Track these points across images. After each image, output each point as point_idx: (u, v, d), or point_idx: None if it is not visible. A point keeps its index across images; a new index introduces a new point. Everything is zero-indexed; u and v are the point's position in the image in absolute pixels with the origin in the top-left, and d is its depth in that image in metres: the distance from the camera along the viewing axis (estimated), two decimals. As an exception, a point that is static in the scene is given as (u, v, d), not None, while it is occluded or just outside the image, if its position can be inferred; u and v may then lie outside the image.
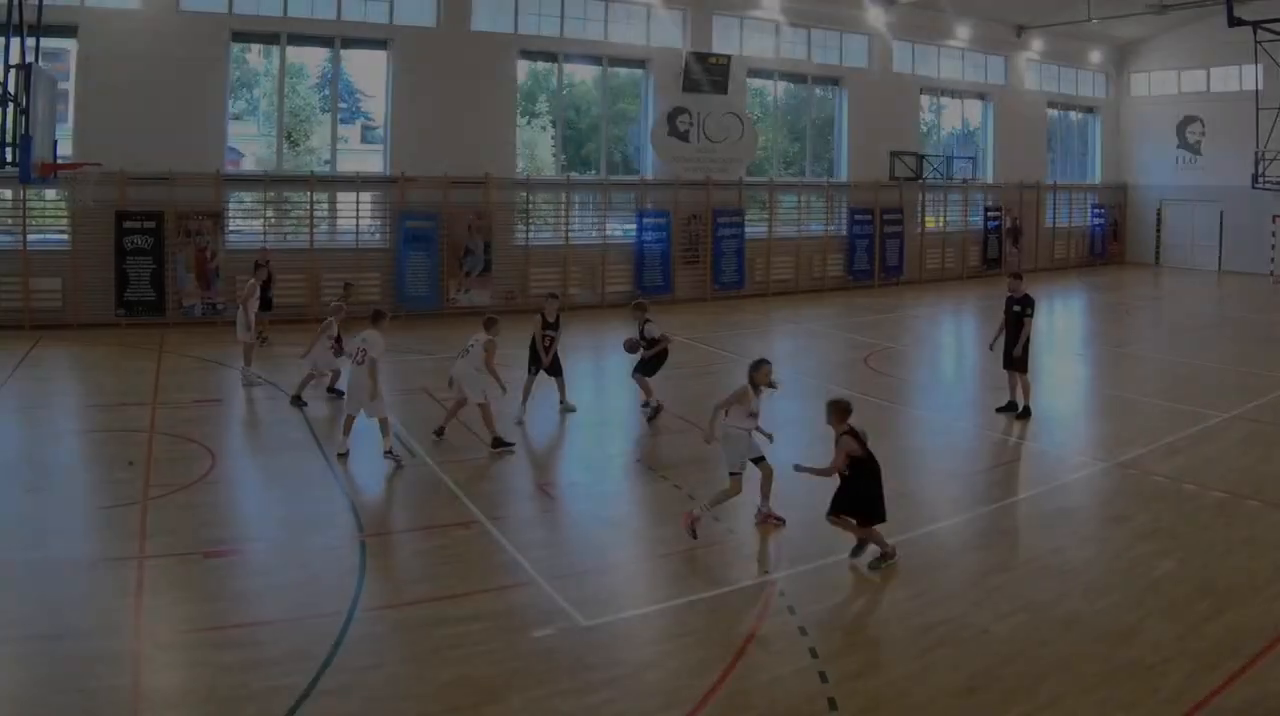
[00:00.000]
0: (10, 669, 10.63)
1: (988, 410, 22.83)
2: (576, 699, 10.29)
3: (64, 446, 19.92)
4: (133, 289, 32.70)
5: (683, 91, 42.23)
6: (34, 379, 25.42)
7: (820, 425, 20.42)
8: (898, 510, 15.28)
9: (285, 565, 13.85)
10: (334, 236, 36.86)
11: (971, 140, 54.15)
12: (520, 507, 16.62)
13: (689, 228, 42.48)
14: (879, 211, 47.78)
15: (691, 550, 14.32)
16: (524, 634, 11.61)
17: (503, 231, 38.48)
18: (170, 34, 33.17)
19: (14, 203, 32.16)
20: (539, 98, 45.45)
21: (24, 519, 15.23)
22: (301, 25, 35.80)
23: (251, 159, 38.81)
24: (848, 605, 12.95)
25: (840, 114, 48.33)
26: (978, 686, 10.53)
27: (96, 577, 13.13)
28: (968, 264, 52.24)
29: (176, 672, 10.79)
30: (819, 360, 30.18)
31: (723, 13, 43.79)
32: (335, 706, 10.06)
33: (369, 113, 41.20)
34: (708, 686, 10.46)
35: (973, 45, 51.76)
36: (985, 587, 13.10)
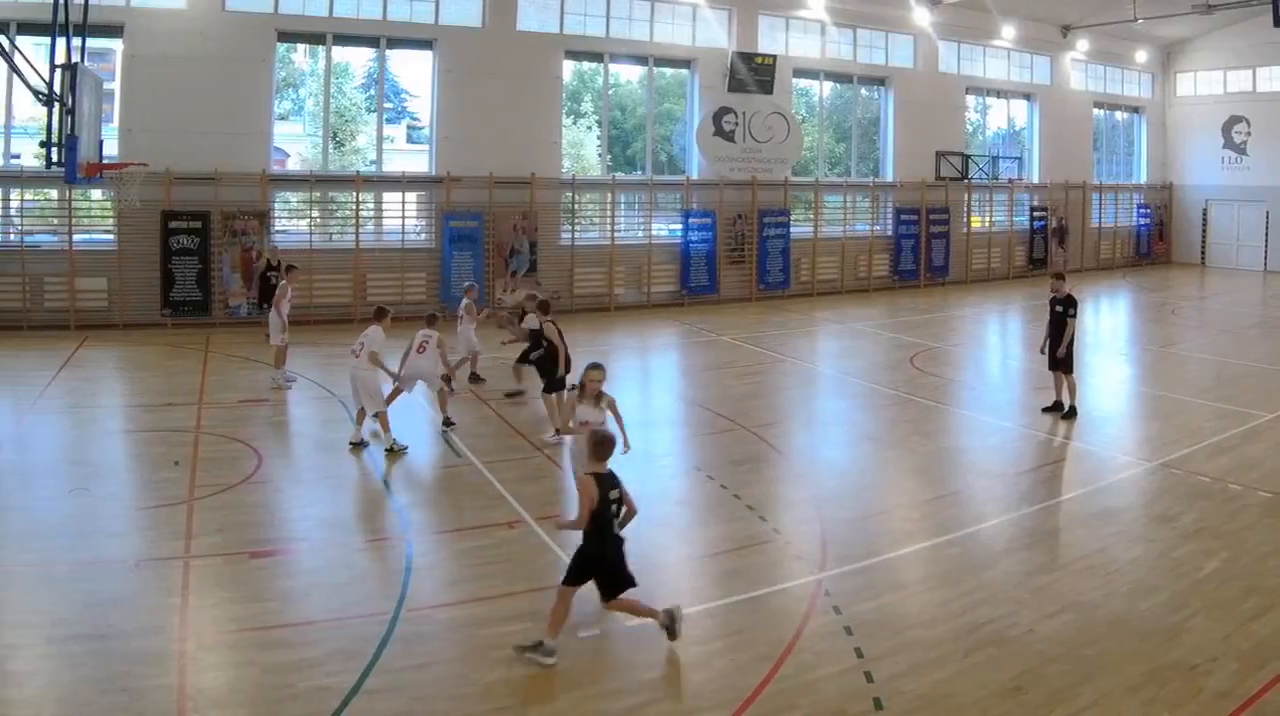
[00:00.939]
0: (57, 668, 10.52)
1: (1033, 410, 22.50)
2: (622, 699, 10.21)
3: (110, 446, 19.67)
4: (178, 289, 32.19)
5: (728, 91, 41.50)
6: (80, 379, 25.09)
7: (866, 425, 21.62)
8: (944, 510, 15.85)
9: (331, 565, 13.64)
10: (379, 236, 36.40)
11: (1017, 140, 53.08)
12: (565, 508, 16.00)
13: (734, 228, 41.69)
14: (925, 211, 46.94)
15: (737, 550, 14.20)
16: (570, 634, 11.28)
17: (548, 231, 37.84)
18: (216, 34, 32.74)
19: (60, 203, 31.66)
20: (584, 97, 44.82)
21: (70, 519, 15.01)
22: (347, 25, 35.24)
23: (297, 159, 38.42)
24: (893, 605, 12.51)
25: (886, 114, 47.45)
26: (1023, 686, 10.41)
27: (142, 577, 12.94)
28: (1013, 264, 51.16)
29: (222, 672, 10.65)
30: (865, 361, 29.57)
31: (768, 12, 42.97)
32: (381, 706, 9.98)
33: (414, 113, 40.67)
34: (753, 686, 10.36)
35: (1018, 45, 50.67)
36: (1030, 587, 12.92)
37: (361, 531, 15.11)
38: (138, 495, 16.32)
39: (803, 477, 17.77)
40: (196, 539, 14.18)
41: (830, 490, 16.72)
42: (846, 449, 20.00)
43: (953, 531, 14.79)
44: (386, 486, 17.16)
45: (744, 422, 21.03)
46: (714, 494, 16.80)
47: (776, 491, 17.40)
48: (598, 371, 14.57)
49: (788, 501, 16.42)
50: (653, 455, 18.94)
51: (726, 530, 14.93)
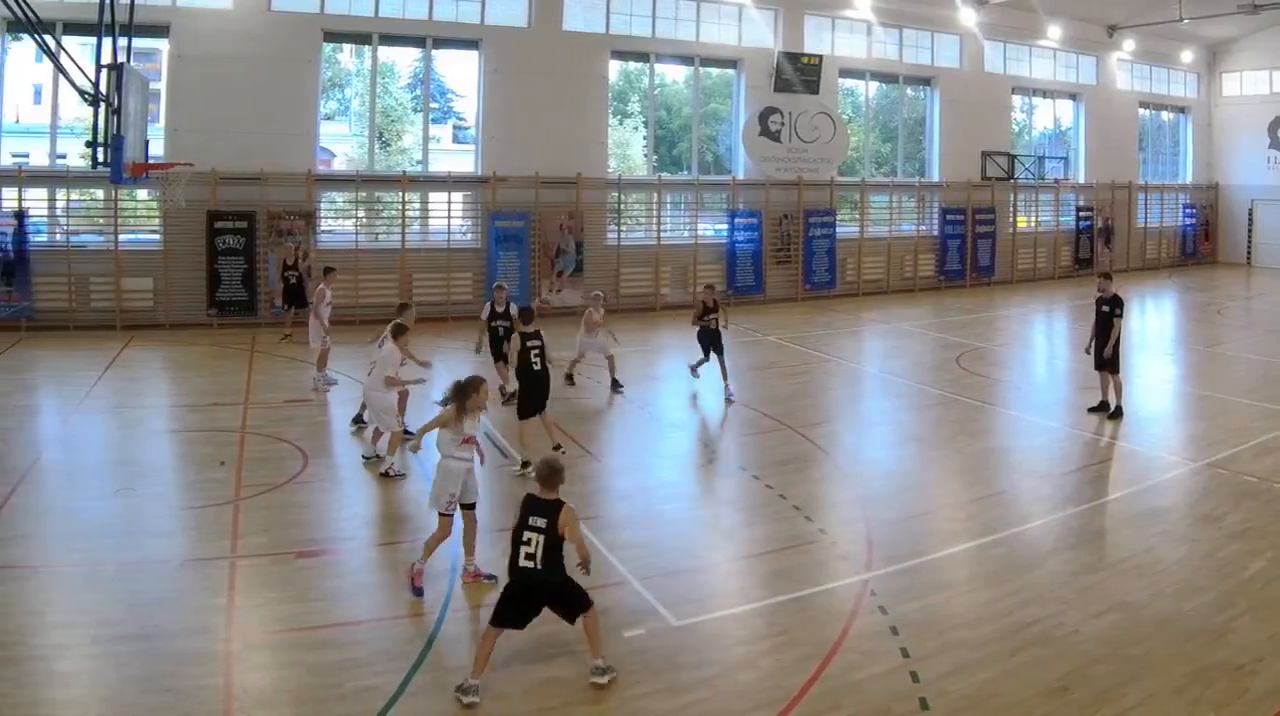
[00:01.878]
0: (102, 668, 10.41)
1: (1080, 410, 22.15)
2: (668, 699, 10.08)
3: (155, 446, 19.44)
4: (224, 289, 31.75)
5: (774, 91, 40.69)
6: (125, 379, 24.77)
7: (912, 425, 21.30)
8: (990, 510, 15.67)
9: (377, 565, 13.70)
10: (425, 237, 35.78)
11: (1063, 140, 52.00)
12: (611, 508, 16.09)
13: (780, 228, 40.86)
14: (971, 211, 45.87)
15: (783, 550, 14.01)
16: (615, 634, 11.24)
17: (594, 231, 37.19)
18: (262, 34, 32.28)
19: (106, 203, 31.30)
20: (631, 98, 43.99)
21: (116, 519, 14.88)
22: (393, 25, 34.73)
23: (343, 159, 38.10)
24: (939, 605, 12.28)
25: (932, 114, 46.43)
26: (1069, 686, 10.26)
27: (188, 577, 12.84)
28: (1059, 264, 50.11)
29: (268, 672, 10.58)
30: (910, 361, 29.00)
31: (814, 12, 42.05)
32: (427, 706, 9.89)
33: (460, 112, 40.11)
34: (799, 686, 10.26)
35: (1064, 45, 49.57)
36: (1076, 587, 12.72)
37: (407, 531, 14.78)
38: (183, 495, 16.15)
39: (849, 478, 17.61)
40: (242, 539, 14.06)
41: (876, 490, 16.65)
42: (892, 449, 19.69)
43: (998, 531, 14.66)
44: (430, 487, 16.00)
45: (790, 422, 20.66)
46: (760, 494, 16.56)
47: (823, 491, 17.19)
48: (485, 383, 13.24)
49: (834, 501, 16.39)
50: (699, 455, 18.99)
51: (773, 530, 14.79)
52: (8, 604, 11.80)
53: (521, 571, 10.24)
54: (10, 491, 15.69)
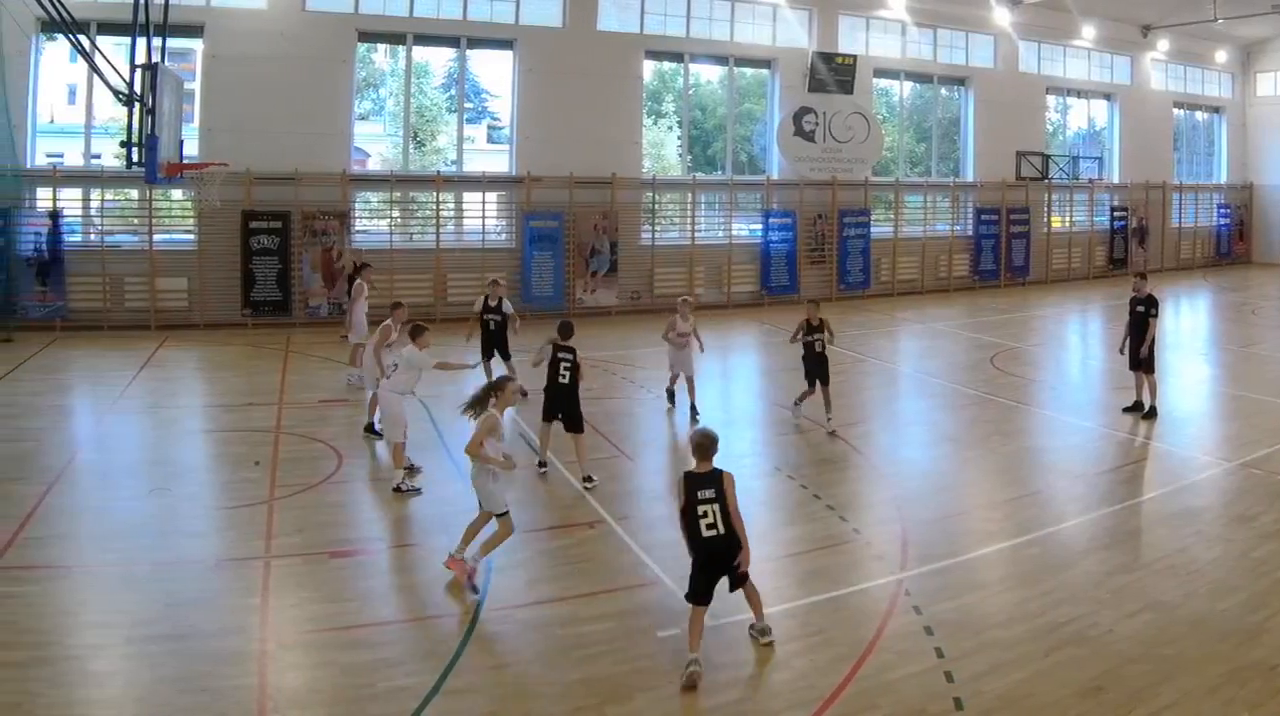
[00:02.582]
0: (137, 668, 10.29)
1: (1114, 410, 21.76)
2: (702, 698, 9.92)
3: (190, 446, 19.28)
4: (259, 289, 31.38)
5: (808, 91, 40.07)
6: (160, 379, 24.52)
7: (946, 425, 21.00)
8: (1024, 510, 15.37)
9: (411, 565, 13.47)
10: (460, 236, 35.37)
11: (1097, 140, 51.16)
12: (646, 508, 15.72)
13: (814, 228, 40.19)
14: (1005, 211, 45.07)
15: (818, 550, 13.87)
16: (649, 634, 11.17)
17: (629, 231, 36.62)
18: (296, 34, 31.91)
19: (141, 203, 31.03)
20: (665, 98, 43.28)
21: (151, 519, 14.72)
22: (427, 25, 34.36)
23: (377, 159, 37.65)
24: (974, 605, 12.07)
25: (966, 114, 45.67)
26: (1103, 686, 10.07)
27: (223, 578, 12.71)
28: (1093, 264, 49.27)
29: (302, 672, 10.45)
30: (945, 361, 28.57)
31: (848, 12, 41.40)
32: (461, 706, 9.73)
33: (495, 112, 39.59)
34: (834, 686, 10.10)
35: (1098, 45, 48.73)
36: (1110, 587, 12.49)
37: (441, 531, 14.24)
38: (218, 495, 15.96)
39: (883, 478, 17.36)
40: (277, 539, 13.92)
41: (911, 490, 16.40)
42: (927, 449, 19.36)
43: (1033, 531, 14.43)
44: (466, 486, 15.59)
45: (824, 423, 20.03)
46: (795, 494, 16.37)
47: (857, 491, 17.01)
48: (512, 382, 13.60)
49: (869, 501, 16.25)
50: (734, 455, 17.96)
51: (807, 530, 14.63)
52: (42, 603, 11.69)
53: (708, 541, 10.54)
54: (45, 491, 15.51)
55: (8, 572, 12.44)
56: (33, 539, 13.59)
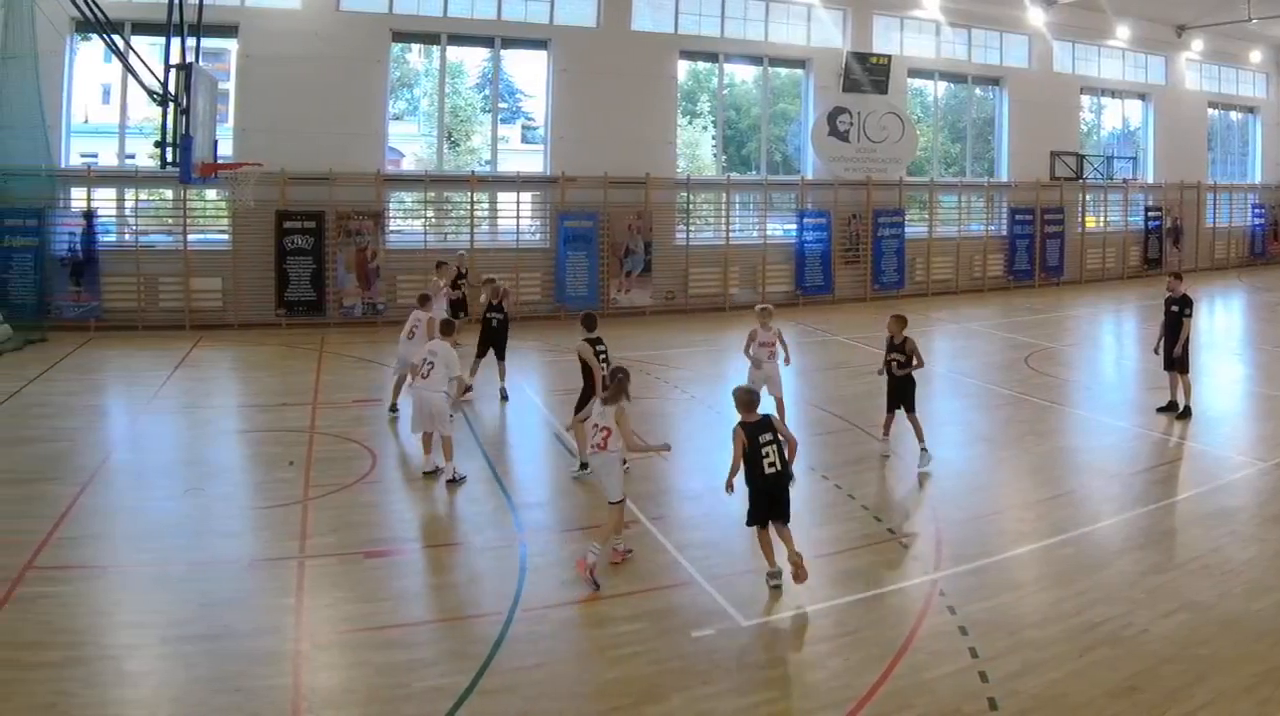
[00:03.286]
0: (172, 668, 10.19)
1: (1148, 410, 21.30)
2: (737, 698, 9.77)
3: (224, 446, 19.02)
4: (293, 289, 31.05)
5: (843, 91, 39.36)
6: (194, 379, 24.28)
7: (981, 425, 20.68)
8: (1058, 510, 15.10)
9: (445, 565, 13.32)
10: (494, 237, 34.93)
11: (1132, 140, 50.21)
12: (680, 508, 15.47)
13: (849, 227, 39.48)
14: (1039, 211, 44.24)
15: (852, 550, 13.66)
16: (684, 634, 11.02)
17: (663, 231, 36.01)
18: (330, 33, 31.58)
19: (175, 203, 30.82)
20: (700, 97, 42.63)
21: (186, 519, 14.53)
22: (462, 25, 33.93)
23: (412, 159, 37.21)
24: (1008, 605, 11.87)
25: (1000, 114, 44.78)
26: (1138, 686, 9.90)
27: (257, 577, 12.59)
28: (1128, 264, 48.29)
29: (336, 672, 10.33)
30: (979, 361, 27.96)
31: (883, 12, 40.66)
32: (495, 706, 9.60)
33: (529, 112, 39.07)
34: (868, 686, 9.94)
35: (1133, 45, 47.78)
36: (1145, 587, 12.26)
37: (476, 531, 14.36)
38: (253, 495, 15.82)
39: (918, 478, 16.86)
40: (311, 539, 13.73)
41: (945, 490, 16.20)
42: (961, 449, 18.84)
43: (1067, 531, 14.17)
44: (501, 487, 16.28)
45: (859, 422, 19.93)
46: (830, 494, 16.07)
47: (892, 492, 16.71)
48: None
49: (903, 502, 16.03)
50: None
51: (842, 530, 14.38)
52: (77, 603, 11.53)
53: (769, 477, 12.03)
54: (79, 491, 15.33)
55: (42, 572, 12.25)
56: (67, 539, 13.40)
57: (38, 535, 13.33)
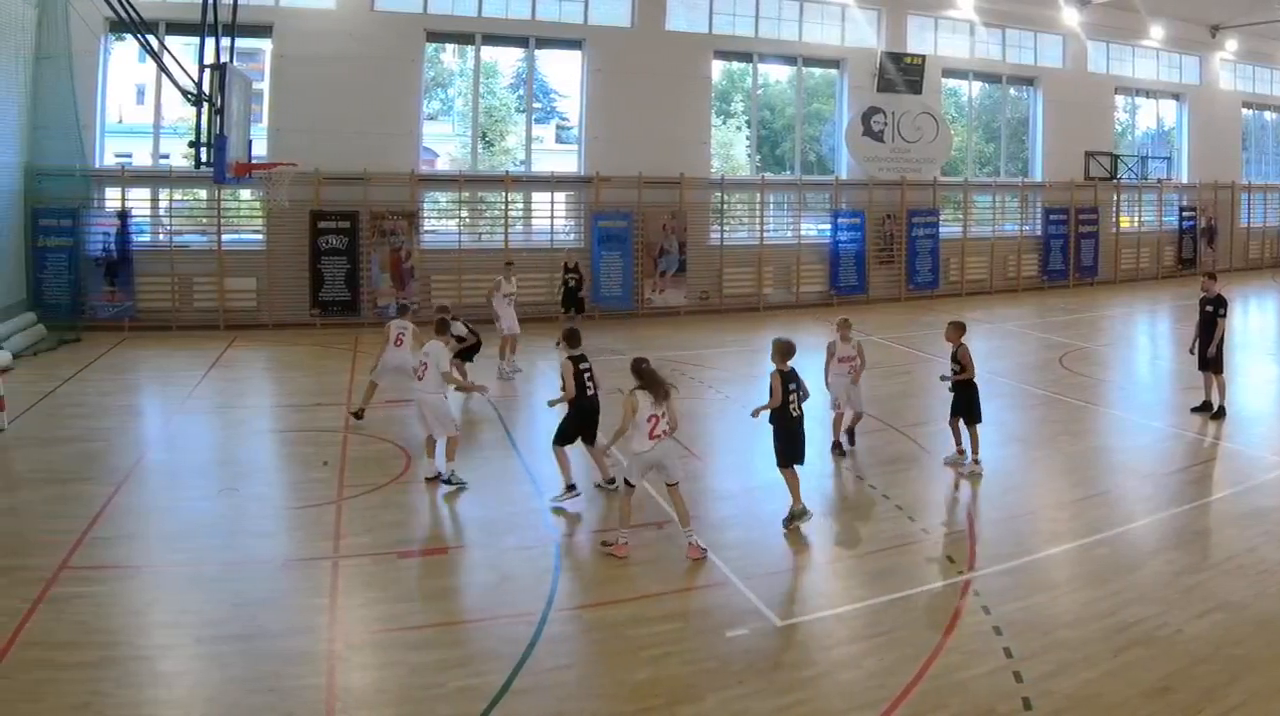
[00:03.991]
0: (206, 668, 10.05)
1: (1183, 410, 20.91)
2: (770, 699, 9.60)
3: (258, 446, 18.85)
4: (327, 289, 30.57)
5: (877, 91, 38.53)
6: (229, 379, 24.02)
7: (1014, 425, 20.19)
8: (1092, 510, 14.85)
9: (479, 565, 13.06)
10: (529, 236, 34.35)
11: (1166, 140, 49.19)
12: (714, 508, 15.15)
13: (883, 228, 38.70)
14: (1074, 211, 43.32)
15: (886, 550, 13.41)
16: (718, 634, 10.87)
17: (697, 231, 35.30)
18: (365, 34, 31.09)
19: (210, 203, 30.47)
20: (734, 97, 41.89)
21: (220, 519, 14.36)
22: (496, 25, 33.33)
23: (446, 159, 36.69)
24: (1042, 605, 11.65)
25: (1035, 114, 43.81)
26: (1172, 686, 9.73)
27: (291, 577, 12.43)
28: (1162, 264, 47.27)
29: (370, 672, 10.16)
30: (1013, 361, 27.37)
31: (917, 12, 39.81)
32: (529, 706, 9.45)
33: (563, 112, 38.61)
34: (903, 686, 9.76)
35: (1167, 45, 46.74)
36: (1179, 587, 12.03)
37: (509, 532, 14.01)
38: (286, 495, 15.65)
39: (951, 478, 16.57)
40: (345, 539, 13.54)
41: (979, 490, 15.93)
42: (995, 449, 18.12)
43: (1101, 531, 13.90)
44: (535, 486, 15.92)
45: (893, 422, 19.61)
46: (864, 494, 15.92)
47: (925, 491, 16.28)
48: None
49: (936, 501, 15.72)
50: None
51: (876, 530, 14.26)
52: (111, 603, 11.38)
53: (796, 421, 14.02)
54: (114, 491, 15.10)
55: (76, 572, 12.06)
56: (101, 539, 13.19)
57: (72, 535, 13.14)
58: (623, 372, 21.40)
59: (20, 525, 13.76)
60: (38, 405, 20.46)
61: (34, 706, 9.11)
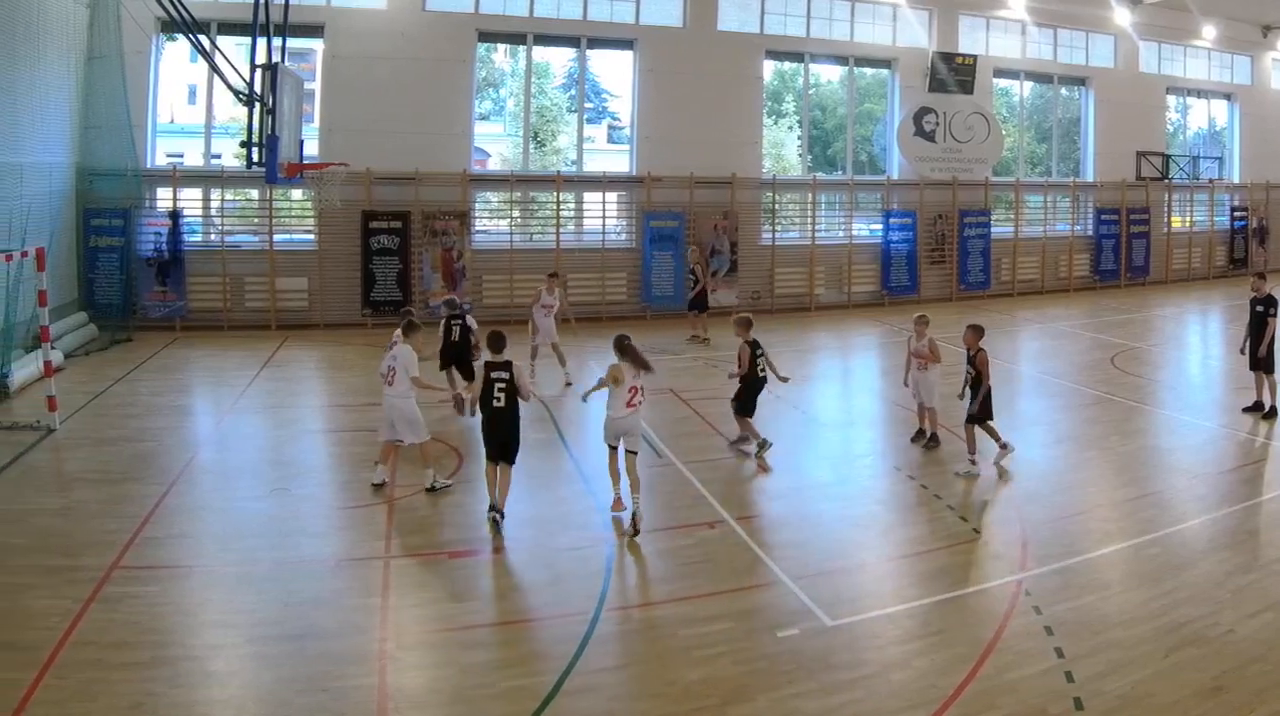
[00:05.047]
0: (258, 668, 9.93)
1: (1234, 410, 20.51)
2: (822, 699, 9.44)
3: (309, 446, 18.56)
4: (379, 289, 29.77)
5: (929, 91, 37.20)
6: (280, 379, 23.53)
7: (1066, 425, 19.94)
8: (1144, 510, 14.59)
9: (531, 565, 12.82)
10: (580, 236, 33.26)
11: (1217, 140, 47.55)
12: (766, 507, 15.10)
13: (935, 228, 37.44)
14: (1125, 211, 41.83)
15: (938, 550, 13.17)
16: (769, 634, 10.71)
17: (749, 231, 34.21)
18: (416, 34, 30.25)
19: (261, 203, 29.92)
20: (785, 97, 40.84)
21: (271, 519, 14.16)
22: (548, 25, 32.32)
23: (498, 159, 36.06)
24: (1094, 605, 11.40)
25: (1086, 114, 42.29)
26: (1224, 686, 9.53)
27: (342, 577, 12.23)
28: (1213, 264, 45.72)
29: (422, 672, 10.00)
30: (1065, 361, 26.80)
31: (969, 12, 38.36)
32: (581, 706, 9.31)
33: (615, 112, 37.73)
34: (954, 686, 9.59)
35: (1218, 45, 45.08)
36: (1231, 587, 11.80)
37: (561, 531, 13.78)
38: (338, 495, 15.34)
39: (1003, 477, 16.20)
40: (396, 539, 13.41)
41: (1030, 490, 15.60)
42: (1046, 449, 18.15)
43: (1153, 531, 13.68)
44: (586, 486, 15.67)
45: (944, 423, 18.57)
46: (915, 494, 15.61)
47: (976, 491, 15.82)
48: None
49: (988, 501, 15.28)
50: (853, 455, 18.02)
51: (927, 530, 13.98)
52: (163, 603, 11.22)
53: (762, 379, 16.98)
54: (165, 491, 14.93)
55: (128, 572, 11.90)
56: (153, 539, 13.05)
57: (124, 535, 13.00)
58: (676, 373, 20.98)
59: (72, 525, 13.49)
60: (89, 405, 20.07)
61: (87, 706, 8.94)
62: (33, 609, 10.85)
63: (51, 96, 24.88)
